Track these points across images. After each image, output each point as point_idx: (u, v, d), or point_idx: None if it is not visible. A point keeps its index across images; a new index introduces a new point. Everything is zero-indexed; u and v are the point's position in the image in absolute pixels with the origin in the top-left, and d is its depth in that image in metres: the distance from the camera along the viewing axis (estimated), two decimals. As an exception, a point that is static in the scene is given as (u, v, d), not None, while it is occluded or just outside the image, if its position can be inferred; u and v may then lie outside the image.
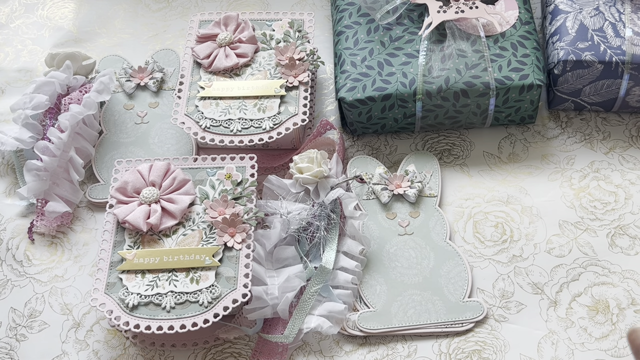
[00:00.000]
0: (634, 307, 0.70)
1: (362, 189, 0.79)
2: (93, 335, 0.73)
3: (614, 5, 0.81)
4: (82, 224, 0.80)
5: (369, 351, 0.70)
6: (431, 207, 0.77)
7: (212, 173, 0.76)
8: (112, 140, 0.84)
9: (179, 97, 0.81)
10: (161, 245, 0.71)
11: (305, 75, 0.81)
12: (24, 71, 0.93)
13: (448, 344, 0.70)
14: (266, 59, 0.83)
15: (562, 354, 0.68)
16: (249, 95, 0.80)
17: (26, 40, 0.97)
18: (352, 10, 0.86)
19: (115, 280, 0.69)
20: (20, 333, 0.73)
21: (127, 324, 0.67)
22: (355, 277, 0.72)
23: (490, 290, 0.72)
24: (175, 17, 0.97)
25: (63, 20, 0.98)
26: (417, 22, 0.83)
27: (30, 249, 0.79)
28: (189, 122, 0.79)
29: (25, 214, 0.81)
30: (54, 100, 0.83)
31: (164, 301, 0.67)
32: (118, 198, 0.74)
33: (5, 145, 0.81)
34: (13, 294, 0.76)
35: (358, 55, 0.81)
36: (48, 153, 0.78)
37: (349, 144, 0.84)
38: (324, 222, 0.73)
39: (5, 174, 0.85)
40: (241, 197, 0.73)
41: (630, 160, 0.80)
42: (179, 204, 0.73)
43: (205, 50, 0.83)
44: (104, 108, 0.86)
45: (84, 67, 0.87)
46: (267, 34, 0.85)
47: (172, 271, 0.69)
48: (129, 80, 0.87)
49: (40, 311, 0.74)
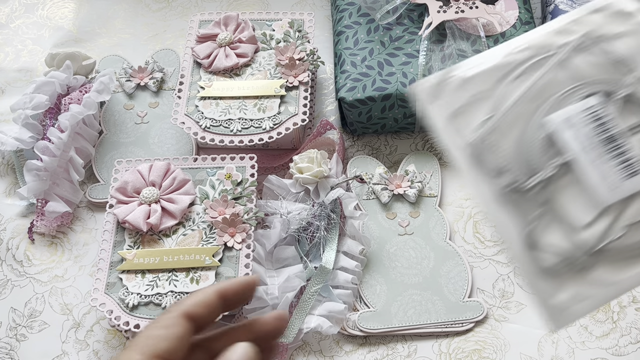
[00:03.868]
0: (635, 304, 0.70)
1: (362, 189, 0.79)
2: (93, 335, 0.73)
3: (614, 5, 0.81)
4: (82, 224, 0.80)
5: (369, 351, 0.70)
6: (431, 207, 0.77)
7: (212, 173, 0.76)
8: (112, 140, 0.84)
9: (179, 97, 0.81)
10: (161, 245, 0.71)
11: (305, 75, 0.81)
12: (24, 71, 0.93)
13: (448, 344, 0.70)
14: (266, 59, 0.83)
15: (563, 352, 0.68)
16: (249, 95, 0.80)
17: (26, 40, 0.96)
18: (352, 10, 0.86)
19: (115, 280, 0.69)
20: (20, 333, 0.73)
21: (127, 324, 0.67)
22: (355, 277, 0.72)
23: (490, 290, 0.72)
24: (175, 17, 0.97)
25: (63, 20, 0.98)
26: (417, 22, 0.83)
27: (30, 249, 0.79)
28: (189, 122, 0.79)
29: (25, 214, 0.81)
30: (54, 100, 0.83)
31: (164, 301, 0.67)
32: (118, 198, 0.74)
33: (5, 145, 0.81)
34: (13, 294, 0.76)
35: (358, 55, 0.81)
36: (48, 153, 0.78)
37: (349, 144, 0.84)
38: (324, 222, 0.73)
39: (5, 174, 0.85)
40: (241, 197, 0.73)
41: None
42: (179, 204, 0.73)
43: (205, 50, 0.83)
44: (104, 108, 0.86)
45: (84, 67, 0.87)
46: (267, 34, 0.85)
47: (172, 271, 0.69)
48: (129, 80, 0.87)
49: (41, 311, 0.74)
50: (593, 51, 0.49)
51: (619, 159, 0.46)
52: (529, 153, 0.47)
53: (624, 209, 0.46)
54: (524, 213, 0.46)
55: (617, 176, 0.46)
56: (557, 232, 0.46)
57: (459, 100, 0.49)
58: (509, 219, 0.46)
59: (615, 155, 0.46)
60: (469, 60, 0.50)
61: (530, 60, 0.49)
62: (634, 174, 0.46)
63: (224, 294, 0.42)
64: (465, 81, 0.49)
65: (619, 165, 0.46)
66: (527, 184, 0.46)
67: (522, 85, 0.49)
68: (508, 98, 0.48)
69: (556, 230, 0.46)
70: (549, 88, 0.48)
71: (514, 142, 0.47)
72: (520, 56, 0.49)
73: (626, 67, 0.48)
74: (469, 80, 0.49)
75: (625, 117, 0.47)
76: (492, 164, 0.47)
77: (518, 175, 0.46)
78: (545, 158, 0.47)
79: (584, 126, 0.47)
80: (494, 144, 0.47)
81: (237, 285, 0.43)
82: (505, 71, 0.49)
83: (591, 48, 0.49)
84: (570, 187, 0.46)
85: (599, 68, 0.48)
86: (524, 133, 0.47)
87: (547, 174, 0.46)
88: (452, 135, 0.48)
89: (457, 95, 0.49)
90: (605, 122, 0.47)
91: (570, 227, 0.46)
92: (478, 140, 0.47)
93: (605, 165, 0.46)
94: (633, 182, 0.46)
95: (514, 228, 0.46)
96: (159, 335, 0.40)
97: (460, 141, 0.47)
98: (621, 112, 0.47)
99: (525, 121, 0.48)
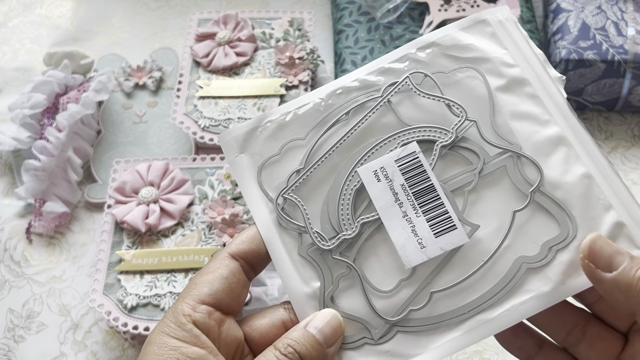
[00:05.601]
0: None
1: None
2: (91, 336, 0.72)
3: (616, 4, 0.81)
4: (80, 224, 0.79)
5: (370, 352, 0.69)
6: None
7: (211, 173, 0.75)
8: (110, 140, 0.83)
9: (178, 97, 0.80)
10: (160, 245, 0.71)
11: (305, 74, 0.80)
12: (22, 70, 0.93)
13: (449, 345, 0.69)
14: (266, 58, 0.83)
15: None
16: (248, 95, 0.79)
17: (24, 39, 0.96)
18: (352, 8, 0.85)
19: (113, 281, 0.69)
20: (18, 334, 0.73)
21: (125, 325, 0.66)
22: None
23: (491, 291, 0.72)
24: (174, 16, 0.97)
25: (61, 19, 0.98)
26: (417, 20, 0.83)
27: (28, 250, 0.78)
28: (188, 122, 0.78)
29: (23, 214, 0.81)
30: (52, 100, 0.83)
31: (162, 302, 0.67)
32: (116, 198, 0.73)
33: (3, 145, 0.81)
34: (11, 294, 0.75)
35: (358, 54, 0.81)
36: (46, 153, 0.77)
37: (349, 144, 0.83)
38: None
39: (2, 174, 0.84)
40: (241, 197, 0.73)
41: (632, 160, 0.80)
42: (177, 204, 0.72)
43: (204, 49, 0.83)
44: (103, 107, 0.86)
45: (82, 66, 0.87)
46: (266, 33, 0.84)
47: (170, 272, 0.69)
48: (128, 80, 0.87)
49: (39, 312, 0.74)
50: (417, 93, 0.45)
51: (431, 214, 0.42)
52: (337, 209, 0.43)
53: (431, 274, 0.41)
54: (328, 273, 0.42)
55: (425, 235, 0.41)
56: (358, 298, 0.41)
57: (269, 150, 0.45)
58: (309, 280, 0.42)
59: (426, 210, 0.42)
60: (283, 106, 0.46)
61: (353, 104, 0.45)
62: (446, 230, 0.41)
63: None
64: (277, 129, 0.45)
65: (430, 221, 0.41)
66: (330, 243, 0.42)
67: (341, 131, 0.44)
68: (321, 147, 0.44)
69: (358, 296, 0.41)
70: (368, 135, 0.44)
71: (324, 196, 0.43)
72: (337, 100, 0.45)
73: (453, 113, 0.44)
74: (280, 128, 0.45)
75: (445, 168, 0.43)
76: (299, 220, 0.43)
77: (324, 233, 0.42)
78: (353, 214, 0.43)
79: (395, 177, 0.42)
80: (303, 198, 0.43)
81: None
82: (318, 117, 0.45)
83: (417, 91, 0.44)
84: (378, 248, 0.42)
85: (425, 113, 0.44)
86: (336, 185, 0.43)
87: (352, 233, 0.42)
88: (258, 189, 0.44)
89: (267, 145, 0.45)
90: (419, 173, 0.42)
91: (372, 293, 0.41)
92: (286, 194, 0.43)
93: (413, 223, 0.41)
94: (444, 240, 0.41)
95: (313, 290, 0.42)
96: (202, 280, 0.40)
97: (268, 194, 0.44)
98: (441, 162, 0.43)
99: (338, 172, 0.44)
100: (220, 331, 0.39)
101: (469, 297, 0.41)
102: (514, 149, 0.43)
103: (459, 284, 0.41)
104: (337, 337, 0.40)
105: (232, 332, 0.40)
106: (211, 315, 0.39)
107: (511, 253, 0.41)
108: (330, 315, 0.40)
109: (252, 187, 0.44)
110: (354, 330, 0.41)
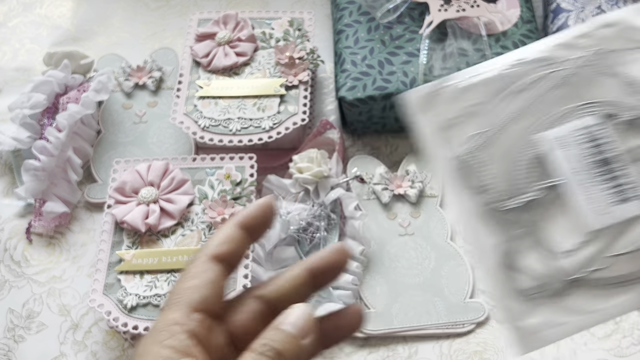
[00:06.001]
0: (637, 307, 0.70)
1: (362, 189, 0.78)
2: (91, 336, 0.72)
3: (616, 4, 0.81)
4: (80, 224, 0.79)
5: (369, 352, 0.69)
6: (432, 207, 0.77)
7: (211, 173, 0.75)
8: (110, 140, 0.83)
9: (178, 97, 0.80)
10: (160, 245, 0.71)
11: (305, 74, 0.80)
12: (22, 70, 0.93)
13: (449, 345, 0.69)
14: (266, 58, 0.83)
15: (565, 354, 0.68)
16: (248, 95, 0.79)
17: (24, 39, 0.96)
18: (352, 8, 0.85)
19: (113, 281, 0.69)
20: (18, 334, 0.73)
21: (125, 325, 0.66)
22: (355, 277, 0.72)
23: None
24: (174, 16, 0.97)
25: (61, 18, 0.98)
26: (417, 20, 0.82)
27: (28, 250, 0.78)
28: (188, 122, 0.78)
29: (23, 214, 0.81)
30: (52, 100, 0.83)
31: (162, 302, 0.67)
32: (116, 198, 0.73)
33: (2, 145, 0.81)
34: (11, 294, 0.75)
35: (358, 54, 0.81)
36: (46, 153, 0.77)
37: (349, 144, 0.83)
38: (324, 223, 0.73)
39: (2, 174, 0.84)
40: (240, 197, 0.73)
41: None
42: (177, 204, 0.72)
43: (204, 49, 0.83)
44: (102, 107, 0.86)
45: (82, 66, 0.86)
46: (266, 33, 0.84)
47: (170, 272, 0.69)
48: (128, 80, 0.87)
49: (39, 312, 0.74)
50: (600, 69, 0.47)
51: (611, 184, 0.43)
52: (516, 172, 0.45)
53: (613, 237, 0.43)
54: (504, 232, 0.44)
55: (607, 201, 0.43)
56: (536, 256, 0.43)
57: (451, 111, 0.47)
58: (487, 236, 0.44)
59: (607, 179, 0.43)
60: (466, 71, 0.48)
61: (531, 74, 0.47)
62: (626, 200, 0.43)
63: (244, 223, 0.41)
64: (460, 92, 0.47)
65: (610, 190, 0.43)
66: (509, 204, 0.44)
67: (519, 100, 0.46)
68: (502, 113, 0.46)
69: (535, 254, 0.43)
70: (547, 105, 0.46)
71: (503, 160, 0.45)
72: (521, 69, 0.47)
73: (633, 89, 0.46)
74: (463, 92, 0.47)
75: (625, 141, 0.45)
76: (477, 180, 0.45)
77: (502, 194, 0.44)
78: (532, 178, 0.44)
79: (576, 146, 0.44)
80: (482, 159, 0.45)
81: (255, 210, 0.41)
82: (502, 84, 0.47)
83: (598, 66, 0.47)
84: (555, 210, 0.44)
85: (604, 87, 0.46)
86: (514, 151, 0.45)
87: (532, 196, 0.44)
88: (440, 147, 0.46)
89: (450, 107, 0.47)
90: (601, 144, 0.44)
91: (551, 253, 0.43)
92: (466, 154, 0.45)
93: (594, 189, 0.43)
94: (623, 208, 0.43)
95: (491, 245, 0.44)
96: (190, 286, 0.39)
97: (448, 154, 0.46)
98: (621, 136, 0.45)
99: (517, 138, 0.46)
100: (211, 338, 0.39)
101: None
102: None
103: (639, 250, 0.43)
104: (310, 329, 0.39)
105: (220, 337, 0.40)
106: (203, 323, 0.39)
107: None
108: (300, 310, 0.39)
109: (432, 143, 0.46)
110: (531, 285, 0.43)
